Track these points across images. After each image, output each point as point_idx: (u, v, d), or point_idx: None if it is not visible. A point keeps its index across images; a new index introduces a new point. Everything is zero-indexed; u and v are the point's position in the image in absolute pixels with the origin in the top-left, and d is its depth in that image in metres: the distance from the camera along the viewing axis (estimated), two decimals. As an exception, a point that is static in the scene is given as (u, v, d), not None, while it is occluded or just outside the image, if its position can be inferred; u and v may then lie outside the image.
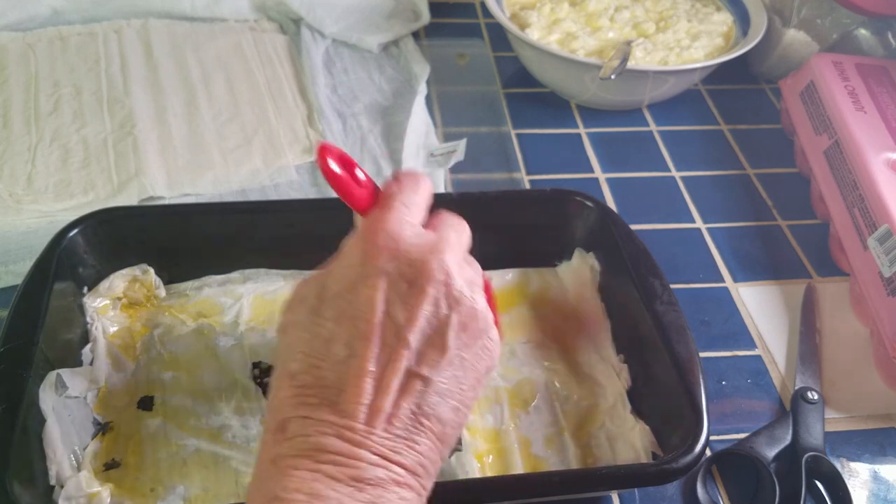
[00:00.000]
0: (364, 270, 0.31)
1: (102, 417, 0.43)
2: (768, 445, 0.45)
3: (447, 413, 0.30)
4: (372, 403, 0.29)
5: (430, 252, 0.31)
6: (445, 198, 0.54)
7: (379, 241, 0.31)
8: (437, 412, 0.30)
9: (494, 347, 0.33)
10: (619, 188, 0.64)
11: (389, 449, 0.29)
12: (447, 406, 0.30)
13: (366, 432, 0.28)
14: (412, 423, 0.29)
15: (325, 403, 0.29)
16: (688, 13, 0.73)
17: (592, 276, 0.51)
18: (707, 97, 0.75)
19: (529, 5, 0.73)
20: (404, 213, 0.32)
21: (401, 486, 0.29)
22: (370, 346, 0.30)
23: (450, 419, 0.30)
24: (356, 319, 0.30)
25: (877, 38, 0.71)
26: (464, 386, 0.31)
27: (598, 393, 0.47)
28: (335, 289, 0.31)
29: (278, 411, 0.30)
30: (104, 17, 0.72)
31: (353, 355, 0.30)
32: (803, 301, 0.56)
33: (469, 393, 0.31)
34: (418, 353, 0.30)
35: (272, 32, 0.74)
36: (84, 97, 0.64)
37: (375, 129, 0.65)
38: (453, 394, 0.30)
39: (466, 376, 0.31)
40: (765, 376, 0.51)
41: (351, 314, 0.30)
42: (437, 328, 0.30)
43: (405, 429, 0.29)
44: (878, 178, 0.55)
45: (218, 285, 0.50)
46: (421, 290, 0.30)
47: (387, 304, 0.30)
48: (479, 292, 0.32)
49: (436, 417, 0.30)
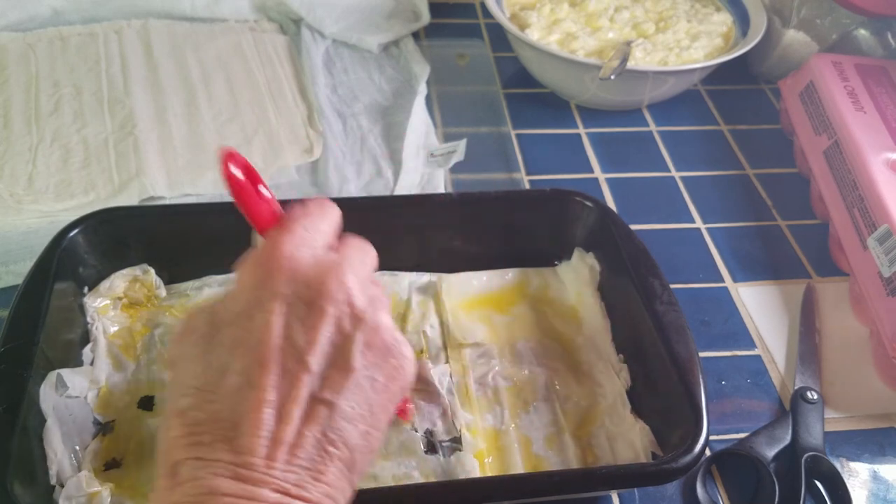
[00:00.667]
0: (259, 294, 0.29)
1: (103, 417, 0.43)
2: (768, 445, 0.46)
3: (355, 438, 0.28)
4: (272, 435, 0.27)
5: (329, 272, 0.29)
6: (445, 198, 0.54)
7: (275, 262, 0.29)
8: (345, 437, 0.28)
9: (407, 365, 0.30)
10: (618, 188, 0.64)
11: (292, 483, 0.27)
12: (356, 431, 0.28)
13: (265, 468, 0.26)
14: (317, 451, 0.27)
15: (219, 440, 0.27)
16: (687, 13, 0.73)
17: (592, 275, 0.51)
18: (707, 97, 0.75)
19: (529, 6, 0.73)
20: (305, 237, 0.30)
21: None
22: (267, 373, 0.27)
23: (358, 444, 0.28)
24: (252, 347, 0.28)
25: (876, 39, 0.71)
26: (375, 408, 0.29)
27: (597, 393, 0.47)
28: (228, 316, 0.29)
29: (168, 454, 0.27)
30: (104, 18, 0.72)
31: (249, 385, 0.27)
32: (803, 301, 0.56)
33: (381, 416, 0.29)
34: (322, 378, 0.28)
35: (272, 33, 0.74)
36: (84, 97, 0.64)
37: (375, 129, 0.65)
38: (363, 417, 0.29)
39: (377, 398, 0.29)
40: (764, 376, 0.51)
41: (246, 341, 0.28)
42: (340, 349, 0.29)
43: (310, 459, 0.27)
44: (878, 178, 0.55)
45: (218, 285, 0.50)
46: (321, 310, 0.28)
47: (285, 328, 0.28)
48: (384, 311, 0.30)
49: (343, 443, 0.28)
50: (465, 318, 0.50)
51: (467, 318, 0.50)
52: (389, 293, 0.51)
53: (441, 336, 0.49)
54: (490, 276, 0.53)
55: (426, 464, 0.43)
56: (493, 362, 0.48)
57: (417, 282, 0.52)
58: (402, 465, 0.43)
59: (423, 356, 0.48)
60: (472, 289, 0.52)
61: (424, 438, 0.44)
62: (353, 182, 0.60)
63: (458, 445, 0.44)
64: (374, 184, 0.60)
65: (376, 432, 0.30)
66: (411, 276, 0.52)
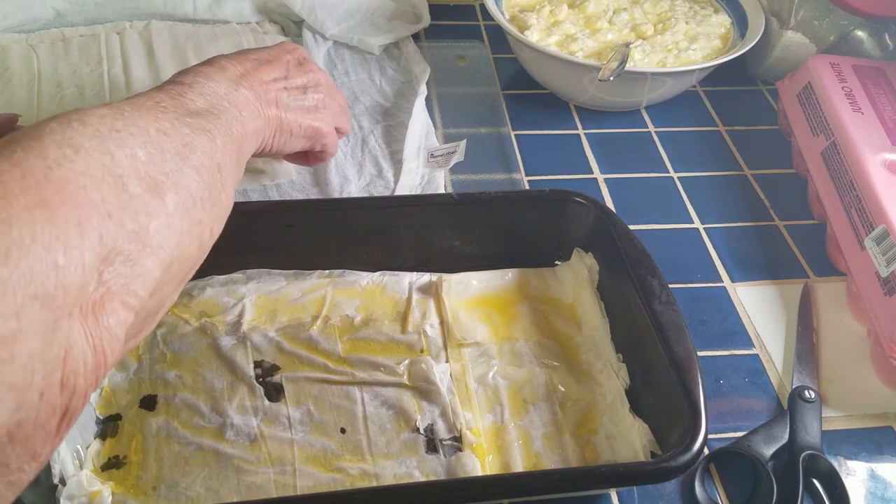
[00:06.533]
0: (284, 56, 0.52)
1: (105, 416, 0.44)
2: (766, 444, 0.46)
3: (303, 95, 0.51)
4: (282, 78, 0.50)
5: (302, 55, 0.54)
6: (445, 198, 0.54)
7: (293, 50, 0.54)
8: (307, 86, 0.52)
9: (319, 72, 0.54)
10: (617, 188, 0.64)
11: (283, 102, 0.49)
12: (306, 93, 0.51)
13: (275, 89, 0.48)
14: (281, 90, 0.49)
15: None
16: (686, 15, 0.73)
17: (591, 275, 0.52)
18: (705, 98, 0.76)
19: (529, 7, 0.73)
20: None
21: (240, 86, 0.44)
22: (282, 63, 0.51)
23: (305, 98, 0.51)
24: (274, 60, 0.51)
25: (874, 40, 0.71)
26: (308, 88, 0.52)
27: (597, 392, 0.47)
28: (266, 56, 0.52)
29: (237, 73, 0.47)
30: (106, 19, 0.73)
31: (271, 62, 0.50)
32: (800, 300, 0.56)
33: (312, 94, 0.52)
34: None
35: (274, 34, 0.74)
36: (87, 98, 0.64)
37: (376, 129, 0.65)
38: (305, 87, 0.52)
39: (316, 82, 0.53)
40: (762, 375, 0.51)
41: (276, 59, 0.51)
42: (303, 68, 0.53)
43: (282, 89, 0.49)
44: (875, 179, 0.55)
45: (220, 285, 0.51)
46: (300, 63, 0.53)
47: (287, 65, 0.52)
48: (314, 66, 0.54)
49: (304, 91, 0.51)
50: (465, 317, 0.50)
51: (467, 317, 0.50)
52: (390, 293, 0.51)
53: (441, 336, 0.49)
54: (490, 276, 0.53)
55: (427, 463, 0.43)
56: (493, 362, 0.48)
57: (418, 282, 0.52)
58: (403, 465, 0.43)
59: (424, 355, 0.48)
60: (472, 289, 0.52)
61: (425, 438, 0.44)
62: (353, 182, 0.60)
63: (458, 444, 0.44)
64: (375, 184, 0.60)
65: (314, 97, 0.52)
66: (411, 276, 0.52)
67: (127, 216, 0.29)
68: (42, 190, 0.26)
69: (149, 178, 0.31)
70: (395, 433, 0.44)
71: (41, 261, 0.25)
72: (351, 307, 0.50)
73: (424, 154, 0.63)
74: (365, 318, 0.50)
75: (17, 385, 0.24)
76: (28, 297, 0.24)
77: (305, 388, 0.46)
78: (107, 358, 0.28)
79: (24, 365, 0.24)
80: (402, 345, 0.49)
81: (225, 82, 0.43)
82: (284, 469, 0.42)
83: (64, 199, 0.26)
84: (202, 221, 0.34)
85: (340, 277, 0.52)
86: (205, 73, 0.43)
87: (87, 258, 0.27)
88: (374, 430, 0.44)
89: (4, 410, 0.24)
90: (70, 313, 0.26)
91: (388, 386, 0.46)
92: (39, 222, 0.25)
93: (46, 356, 0.25)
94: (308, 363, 0.47)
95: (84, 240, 0.27)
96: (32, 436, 0.26)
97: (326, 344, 0.48)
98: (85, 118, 0.30)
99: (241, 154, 0.41)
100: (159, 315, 0.34)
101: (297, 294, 0.51)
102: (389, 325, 0.50)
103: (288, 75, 0.50)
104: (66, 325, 0.26)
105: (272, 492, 0.41)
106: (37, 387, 0.25)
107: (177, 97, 0.38)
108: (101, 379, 0.29)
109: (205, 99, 0.40)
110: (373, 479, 0.42)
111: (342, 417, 0.45)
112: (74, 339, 0.27)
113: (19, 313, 0.24)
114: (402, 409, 0.45)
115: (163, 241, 0.31)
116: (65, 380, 0.26)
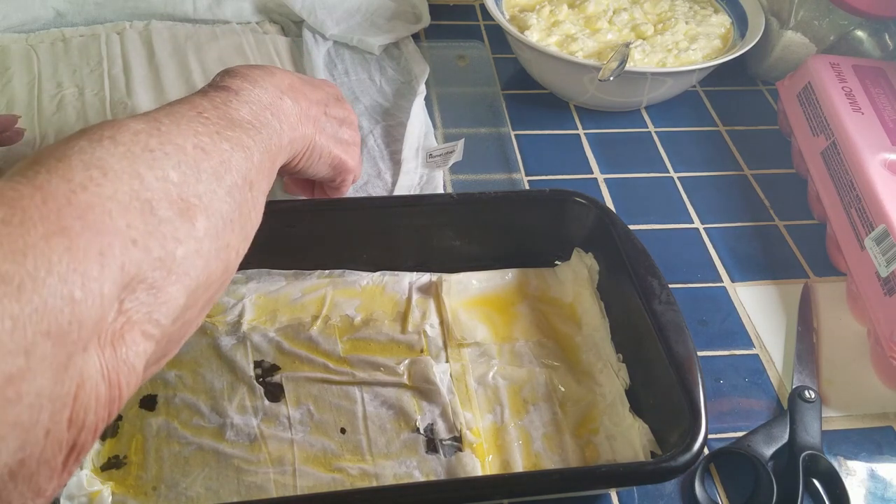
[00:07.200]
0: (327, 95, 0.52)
1: (106, 416, 0.44)
2: (766, 444, 0.46)
3: (339, 131, 0.51)
4: (324, 105, 0.50)
5: (339, 96, 0.54)
6: (445, 198, 0.54)
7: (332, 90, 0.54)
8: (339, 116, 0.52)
9: (353, 113, 0.55)
10: (617, 188, 0.64)
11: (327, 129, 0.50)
12: (341, 124, 0.52)
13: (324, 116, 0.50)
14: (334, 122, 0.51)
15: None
16: (686, 15, 0.73)
17: (591, 275, 0.52)
18: (705, 98, 0.76)
19: (529, 7, 0.73)
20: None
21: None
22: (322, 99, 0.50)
23: (340, 128, 0.51)
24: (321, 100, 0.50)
25: (874, 40, 0.71)
26: (343, 121, 0.52)
27: (597, 392, 0.47)
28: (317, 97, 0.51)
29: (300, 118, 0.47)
30: (106, 19, 0.73)
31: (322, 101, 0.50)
32: (800, 300, 0.56)
33: (345, 130, 0.52)
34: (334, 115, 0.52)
35: (274, 34, 0.74)
36: (87, 98, 0.64)
37: (376, 129, 0.65)
38: (341, 120, 0.52)
39: (347, 117, 0.53)
40: (762, 375, 0.51)
41: (323, 99, 0.51)
42: (339, 104, 0.53)
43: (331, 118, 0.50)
44: (875, 179, 0.55)
45: (220, 285, 0.51)
46: (337, 100, 0.53)
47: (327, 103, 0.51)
48: (346, 105, 0.55)
49: (338, 120, 0.51)
50: (465, 317, 0.50)
51: (467, 317, 0.50)
52: (390, 293, 0.51)
53: (441, 335, 0.49)
54: (490, 276, 0.53)
55: (427, 463, 0.43)
56: (492, 362, 0.48)
57: (417, 282, 0.52)
58: (403, 465, 0.43)
59: (424, 355, 0.48)
60: (472, 289, 0.52)
61: (425, 438, 0.44)
62: (353, 183, 0.60)
63: (458, 444, 0.44)
64: (373, 184, 0.60)
65: (346, 131, 0.52)
66: (411, 277, 0.52)
67: (154, 242, 0.27)
68: (63, 216, 0.25)
69: (180, 202, 0.29)
70: (395, 433, 0.44)
71: (56, 294, 0.23)
72: (351, 307, 0.50)
73: (423, 154, 0.63)
74: (365, 318, 0.50)
75: (23, 424, 0.23)
76: (40, 334, 0.23)
77: (305, 388, 0.46)
78: (122, 391, 0.27)
79: (32, 404, 0.23)
80: (402, 345, 0.49)
81: (272, 89, 0.42)
82: (284, 469, 0.42)
83: (86, 226, 0.25)
84: (230, 245, 0.33)
85: (340, 277, 0.52)
86: (252, 78, 0.41)
87: (107, 289, 0.25)
88: (374, 430, 0.44)
89: (7, 450, 0.23)
90: (85, 347, 0.25)
91: (388, 386, 0.46)
92: (57, 252, 0.24)
93: (56, 393, 0.24)
94: (308, 363, 0.47)
95: (105, 270, 0.25)
96: (36, 473, 0.24)
97: (326, 344, 0.48)
98: (118, 135, 0.29)
99: (273, 168, 0.40)
100: (183, 340, 0.33)
101: (297, 294, 0.51)
102: (389, 325, 0.50)
103: (328, 104, 0.50)
104: (79, 360, 0.25)
105: (272, 492, 0.41)
106: (43, 424, 0.24)
107: (221, 106, 0.37)
108: (114, 413, 0.27)
109: (249, 108, 0.39)
110: (373, 479, 0.42)
111: (342, 417, 0.45)
112: (88, 374, 0.25)
113: (29, 350, 0.23)
114: (402, 409, 0.45)
115: (189, 268, 0.29)
116: (73, 416, 0.25)
